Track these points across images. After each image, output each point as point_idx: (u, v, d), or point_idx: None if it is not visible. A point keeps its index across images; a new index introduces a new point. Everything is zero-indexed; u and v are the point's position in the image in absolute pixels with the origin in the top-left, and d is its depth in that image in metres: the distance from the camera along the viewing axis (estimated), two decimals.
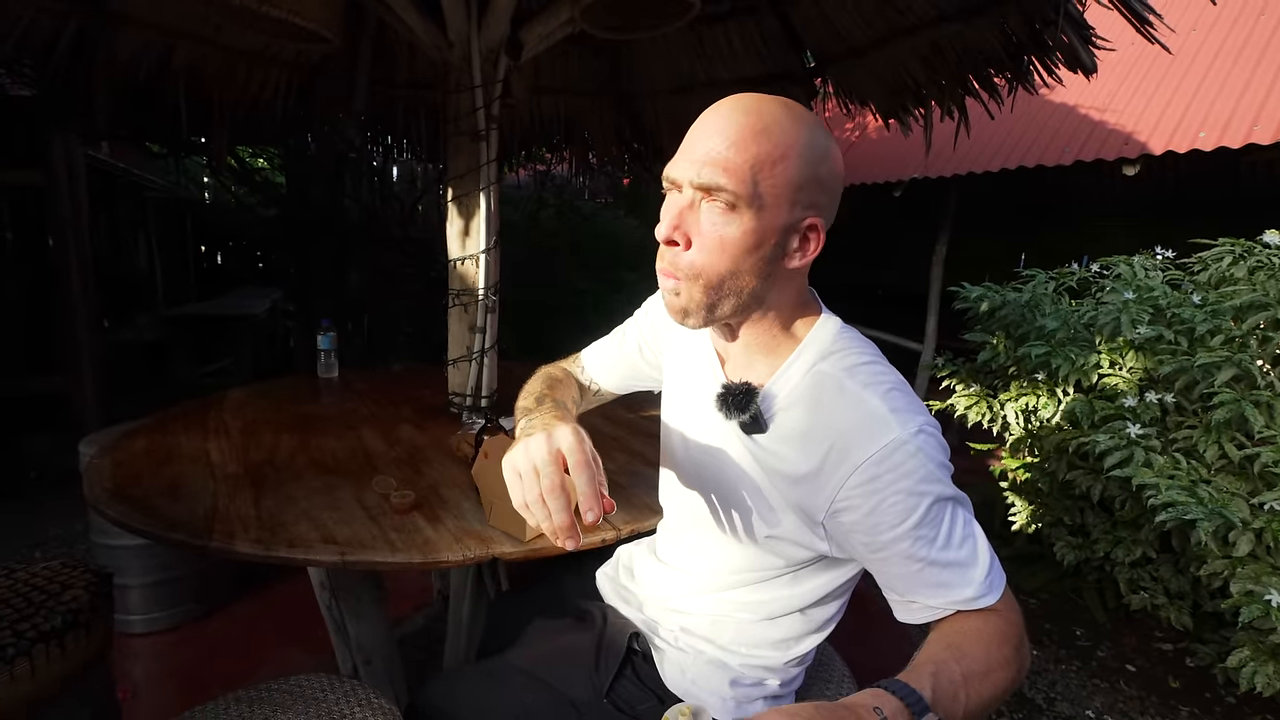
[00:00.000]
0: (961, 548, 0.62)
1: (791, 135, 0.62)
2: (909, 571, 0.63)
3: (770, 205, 0.62)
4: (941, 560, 0.62)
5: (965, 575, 0.62)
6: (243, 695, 0.82)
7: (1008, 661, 0.59)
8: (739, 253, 0.63)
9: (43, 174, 2.87)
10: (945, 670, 0.55)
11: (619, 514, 1.06)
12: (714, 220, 0.62)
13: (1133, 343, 1.84)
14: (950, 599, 0.62)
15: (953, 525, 0.62)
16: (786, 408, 0.68)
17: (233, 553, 0.87)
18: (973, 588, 0.62)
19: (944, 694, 0.53)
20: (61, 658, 0.94)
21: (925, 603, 0.64)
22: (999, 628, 0.61)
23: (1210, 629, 1.82)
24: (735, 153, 0.60)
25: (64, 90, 1.92)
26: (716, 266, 0.63)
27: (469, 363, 1.58)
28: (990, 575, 0.63)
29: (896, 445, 0.61)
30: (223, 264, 6.21)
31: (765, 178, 0.61)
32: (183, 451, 1.25)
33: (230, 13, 1.40)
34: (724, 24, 2.14)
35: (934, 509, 0.62)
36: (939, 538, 0.62)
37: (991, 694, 0.57)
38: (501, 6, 1.44)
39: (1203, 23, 3.54)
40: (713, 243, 0.63)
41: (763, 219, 0.62)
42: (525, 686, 0.80)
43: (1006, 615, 0.63)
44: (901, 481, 0.61)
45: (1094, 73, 1.60)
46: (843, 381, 0.66)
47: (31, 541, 2.42)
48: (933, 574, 0.62)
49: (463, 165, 1.53)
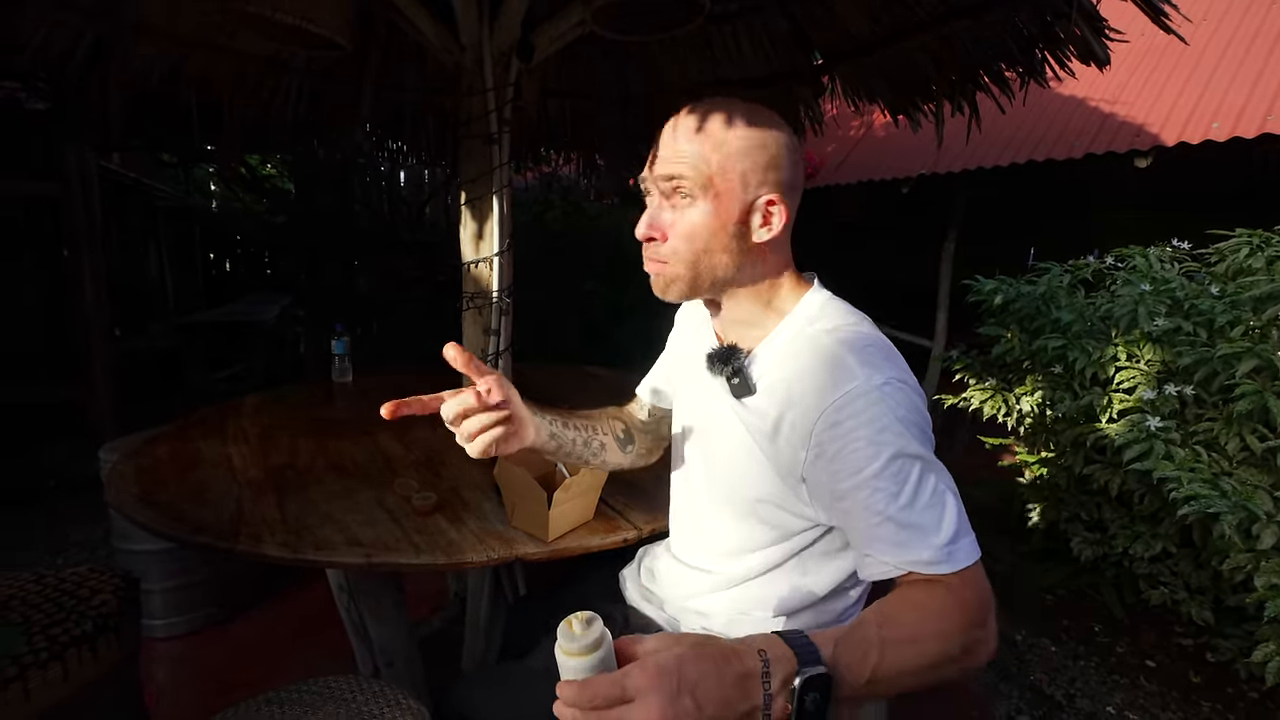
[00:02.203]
0: (926, 512, 0.62)
1: (735, 126, 0.69)
2: (868, 524, 0.64)
3: (725, 189, 0.70)
4: (901, 519, 0.62)
5: (924, 538, 0.61)
6: (273, 696, 0.83)
7: (943, 635, 0.57)
8: (706, 234, 0.71)
9: (58, 185, 2.91)
10: (860, 630, 0.55)
11: (639, 514, 1.06)
12: (680, 211, 0.72)
13: (1150, 335, 1.82)
14: (905, 558, 0.62)
15: (919, 487, 0.62)
16: (772, 370, 0.73)
17: (260, 556, 0.88)
18: (930, 551, 0.61)
19: (850, 652, 0.53)
20: (93, 661, 0.95)
21: (880, 558, 0.63)
22: (943, 602, 0.59)
23: (1232, 623, 1.80)
24: (686, 145, 0.70)
25: (79, 102, 1.94)
26: (690, 248, 0.72)
27: None
28: (953, 546, 0.61)
29: (859, 393, 0.64)
30: (232, 271, 6.25)
31: (716, 165, 0.69)
32: (204, 457, 1.27)
33: (244, 20, 1.41)
34: (731, 23, 2.14)
35: (896, 463, 0.62)
36: (901, 494, 0.62)
37: (917, 663, 0.55)
38: (513, 10, 1.45)
39: (1214, 13, 3.51)
40: (683, 229, 0.72)
41: (721, 201, 0.70)
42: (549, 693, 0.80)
43: (960, 593, 0.60)
44: (862, 429, 0.63)
45: (1107, 64, 1.59)
46: (821, 339, 0.71)
47: (53, 548, 2.45)
48: (890, 530, 0.62)
49: (475, 169, 1.54)
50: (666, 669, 0.47)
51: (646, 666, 0.47)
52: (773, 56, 2.20)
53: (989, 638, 0.60)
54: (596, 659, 0.47)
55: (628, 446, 0.95)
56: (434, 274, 3.56)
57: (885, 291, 4.96)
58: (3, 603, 1.00)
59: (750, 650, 0.50)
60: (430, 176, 4.62)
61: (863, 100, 2.21)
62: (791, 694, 0.49)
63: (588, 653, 0.47)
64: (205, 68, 2.00)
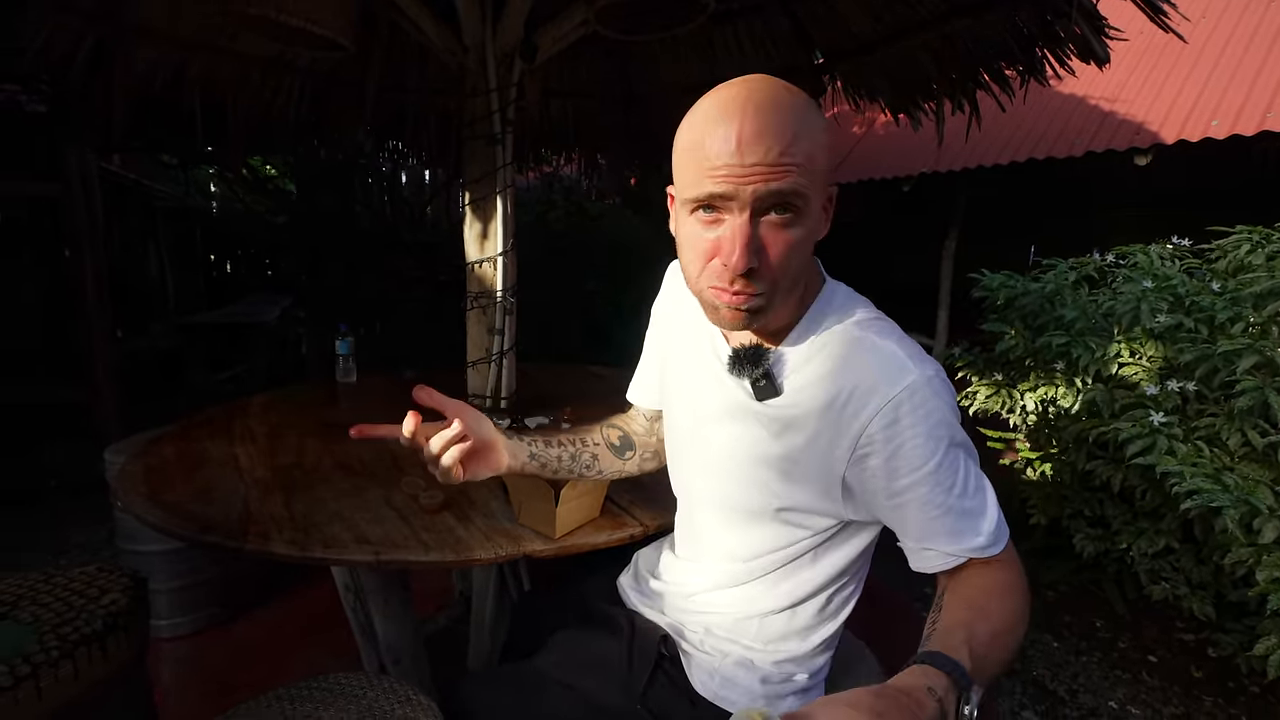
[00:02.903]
0: (975, 496, 0.64)
1: (812, 114, 0.61)
2: (927, 518, 0.64)
3: (816, 193, 0.62)
4: (958, 507, 0.64)
5: (977, 524, 0.64)
6: (283, 692, 0.84)
7: (1024, 612, 0.62)
8: (805, 250, 0.64)
9: (59, 187, 2.91)
10: (975, 634, 0.57)
11: (645, 510, 1.06)
12: (781, 230, 0.61)
13: (1152, 331, 1.83)
14: (963, 546, 0.64)
15: (967, 473, 0.65)
16: (799, 367, 0.69)
17: (269, 554, 0.88)
18: (983, 537, 0.64)
19: (978, 659, 0.54)
20: (103, 660, 0.95)
21: (941, 549, 0.65)
22: (1011, 579, 0.63)
23: (1233, 618, 1.81)
24: (792, 152, 0.58)
25: (80, 105, 1.94)
26: (790, 271, 0.63)
27: (488, 364, 1.59)
28: (998, 526, 0.65)
29: (916, 387, 0.63)
30: (233, 271, 6.26)
31: (811, 168, 0.60)
32: (211, 457, 1.27)
33: (248, 23, 1.41)
34: (733, 22, 2.14)
35: (951, 453, 0.64)
36: (956, 484, 0.64)
37: (1015, 645, 0.60)
38: (516, 10, 1.46)
39: (1213, 10, 3.52)
40: (785, 252, 0.62)
41: (812, 209, 0.62)
42: (560, 696, 0.81)
43: (1012, 565, 0.65)
44: (921, 424, 0.63)
45: (1107, 63, 1.60)
46: (854, 333, 0.68)
47: (56, 549, 2.45)
48: (949, 521, 0.64)
49: (479, 169, 1.55)
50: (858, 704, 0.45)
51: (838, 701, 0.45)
52: (774, 55, 2.21)
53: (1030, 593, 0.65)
54: None
55: (625, 453, 0.94)
56: (436, 274, 3.57)
57: (886, 290, 4.98)
58: (13, 602, 1.00)
59: (924, 693, 0.49)
60: (432, 176, 4.62)
61: (864, 99, 2.22)
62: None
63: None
64: (208, 70, 2.00)
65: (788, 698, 0.76)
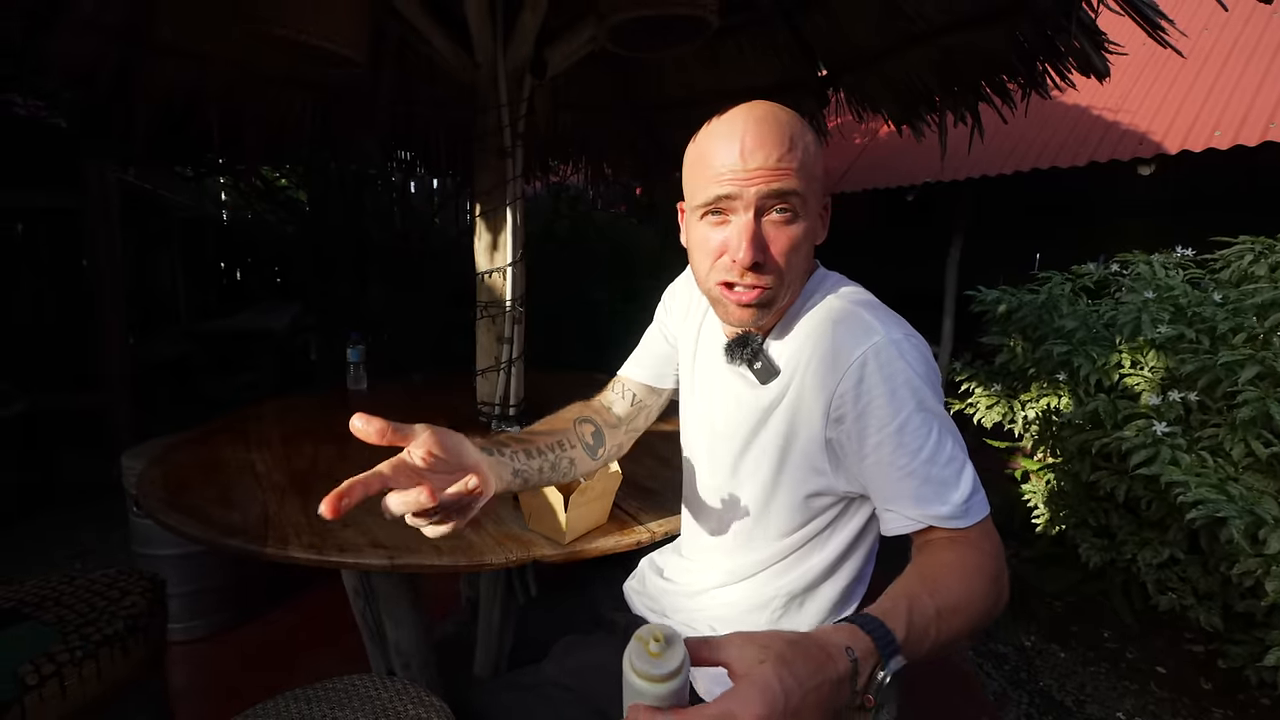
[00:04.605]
0: (946, 467, 0.65)
1: (807, 132, 0.70)
2: (891, 478, 0.66)
3: (812, 197, 0.70)
4: (923, 473, 0.64)
5: (943, 493, 0.64)
6: (299, 693, 0.86)
7: (984, 595, 0.61)
8: (806, 247, 0.71)
9: (79, 198, 2.98)
10: (919, 606, 0.56)
11: (652, 516, 1.08)
12: (782, 227, 0.69)
13: (1154, 342, 1.84)
14: (925, 512, 0.65)
15: (940, 444, 0.65)
16: (788, 345, 0.75)
17: (287, 558, 0.91)
18: (949, 506, 0.64)
19: (916, 631, 0.54)
20: (124, 661, 0.98)
21: (902, 512, 0.66)
22: (975, 560, 0.63)
23: (1241, 629, 1.80)
24: (787, 157, 0.67)
25: (102, 120, 2.00)
26: (795, 266, 0.71)
27: (497, 373, 1.62)
28: (970, 502, 0.65)
29: (881, 347, 0.66)
30: (243, 280, 6.34)
31: (807, 173, 0.68)
32: (228, 462, 1.30)
33: (268, 41, 1.46)
34: (736, 36, 2.18)
35: (918, 417, 0.65)
36: (924, 449, 0.64)
37: (965, 627, 0.59)
38: (527, 28, 1.49)
39: (1215, 21, 3.54)
40: (787, 247, 0.69)
41: (810, 210, 0.70)
42: (565, 701, 0.83)
43: (982, 546, 0.64)
44: (886, 383, 0.65)
45: (1107, 77, 1.62)
46: (832, 303, 0.73)
47: (71, 553, 2.49)
48: (913, 484, 0.65)
49: (489, 181, 1.58)
50: (771, 693, 0.43)
51: (750, 697, 0.43)
52: (778, 68, 2.24)
53: (1007, 583, 0.64)
54: (678, 684, 0.41)
55: (597, 451, 0.92)
56: (445, 283, 3.61)
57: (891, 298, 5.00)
58: (37, 603, 1.03)
59: (840, 651, 0.49)
60: (441, 186, 4.68)
61: (866, 110, 2.25)
62: (877, 688, 0.50)
63: (668, 679, 0.40)
64: (225, 85, 2.05)
65: None
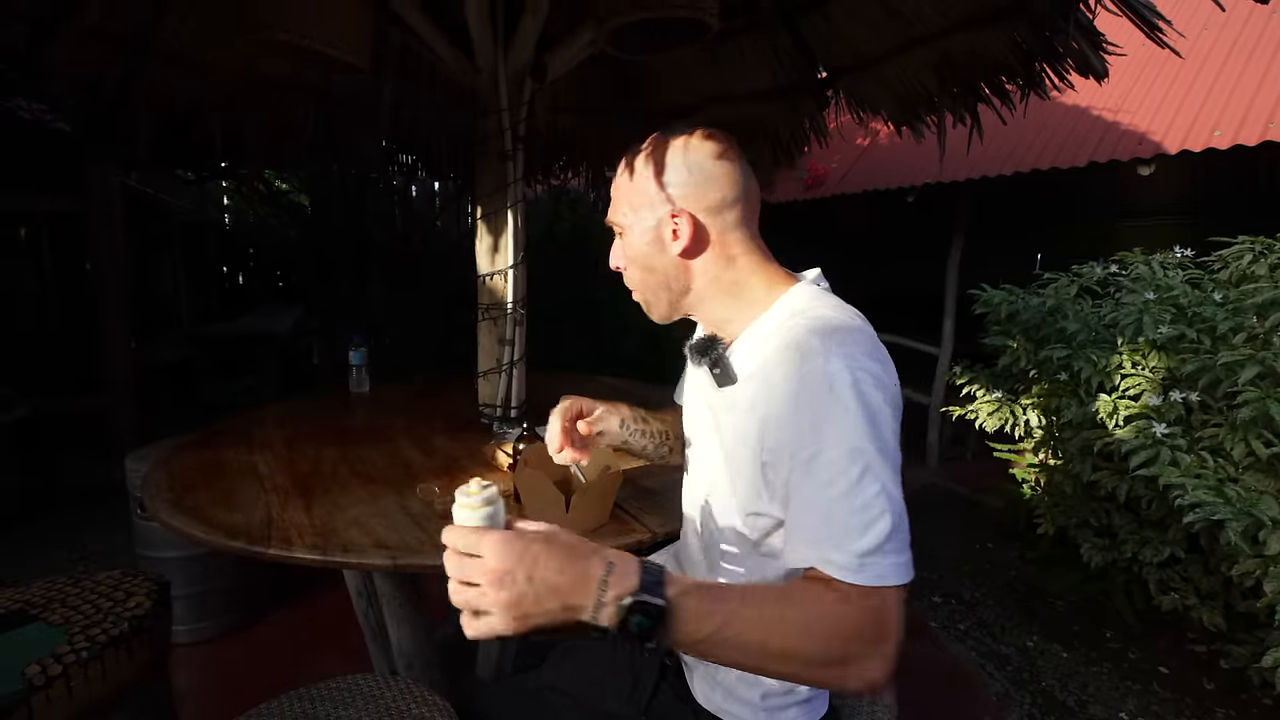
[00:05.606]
0: (857, 514, 0.57)
1: (631, 158, 0.79)
2: (797, 509, 0.62)
3: (632, 218, 0.79)
4: (826, 512, 0.58)
5: (843, 541, 0.57)
6: (304, 693, 0.86)
7: (810, 634, 0.54)
8: (640, 259, 0.80)
9: (83, 202, 3.00)
10: (720, 592, 0.55)
11: (653, 517, 1.09)
12: (620, 246, 0.83)
13: (1154, 342, 1.84)
14: (816, 555, 0.58)
15: (859, 484, 0.58)
16: (750, 359, 0.74)
17: (292, 559, 0.91)
18: (844, 556, 0.57)
19: (699, 606, 0.53)
20: (129, 662, 0.99)
21: (796, 548, 0.61)
22: (830, 606, 0.56)
23: (1244, 629, 1.81)
24: (613, 194, 0.82)
25: (105, 125, 2.01)
26: (637, 275, 0.82)
27: (499, 374, 1.63)
28: (871, 558, 0.56)
29: (817, 373, 0.62)
30: (246, 283, 6.36)
31: (624, 201, 0.80)
32: (231, 465, 1.31)
33: (271, 47, 1.47)
34: (736, 40, 2.19)
35: (837, 450, 0.59)
36: (835, 484, 0.58)
37: (764, 646, 0.54)
38: (527, 33, 1.50)
39: (1214, 21, 3.54)
40: (627, 261, 0.82)
41: (633, 231, 0.79)
42: (564, 706, 0.84)
43: (856, 604, 0.56)
44: (810, 411, 0.61)
45: (1105, 77, 1.62)
46: (790, 323, 0.71)
47: (74, 555, 2.50)
48: (813, 521, 0.59)
49: (490, 184, 1.59)
50: (516, 542, 0.52)
51: (506, 536, 0.53)
52: (777, 71, 2.25)
53: (874, 666, 0.54)
54: (482, 515, 0.55)
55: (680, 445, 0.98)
56: (446, 285, 3.62)
57: (892, 299, 5.00)
58: (44, 604, 1.04)
59: (601, 557, 0.53)
60: (442, 189, 4.70)
61: (866, 112, 2.26)
62: (620, 610, 0.51)
63: (476, 508, 0.55)
64: (228, 91, 2.07)
65: (790, 708, 0.77)
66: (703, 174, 0.75)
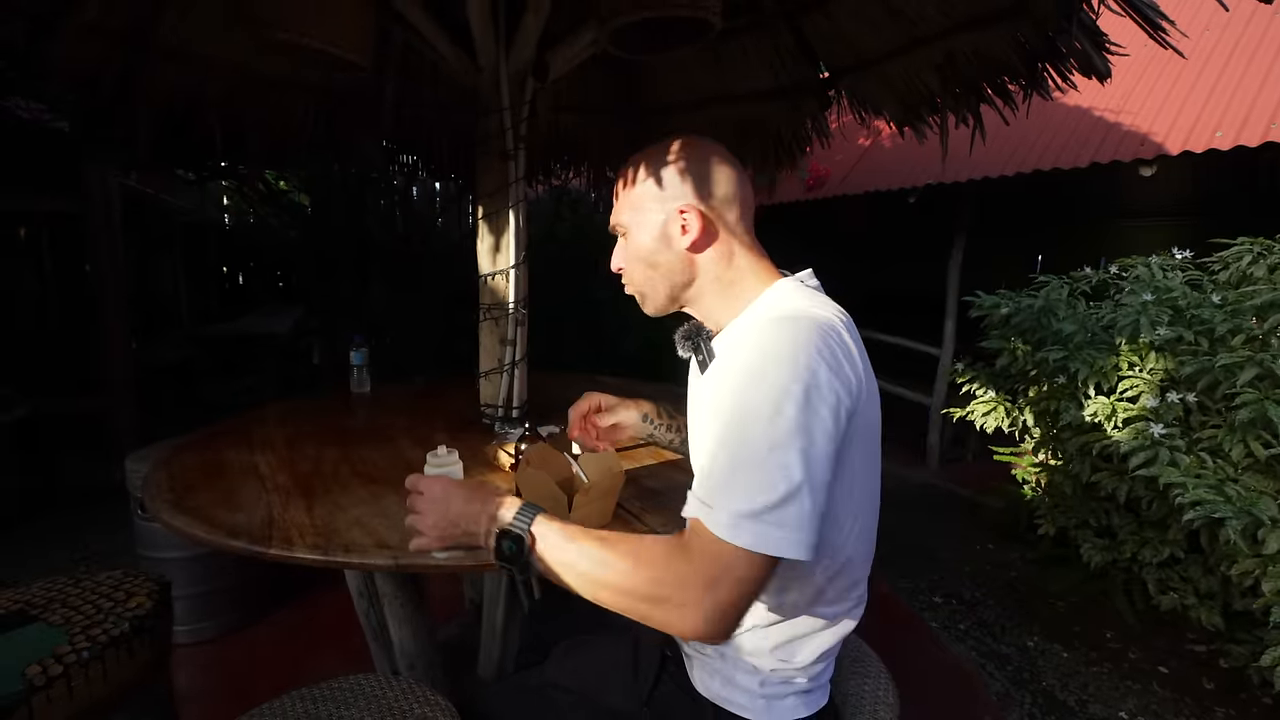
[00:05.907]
0: (753, 481, 0.61)
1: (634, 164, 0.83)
2: (707, 469, 0.68)
3: (638, 218, 0.83)
4: (730, 478, 0.63)
5: (728, 497, 0.62)
6: (306, 693, 0.86)
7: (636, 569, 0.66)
8: (646, 256, 0.83)
9: (81, 202, 2.99)
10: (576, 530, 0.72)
11: (655, 516, 1.09)
12: (623, 247, 0.87)
13: (1153, 344, 1.84)
14: (700, 506, 0.66)
15: (767, 459, 0.61)
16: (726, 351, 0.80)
17: (293, 559, 0.91)
18: (722, 514, 0.62)
19: (554, 539, 0.72)
20: (130, 662, 0.99)
21: (689, 502, 0.69)
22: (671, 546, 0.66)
23: (1243, 629, 1.81)
24: (616, 198, 0.87)
25: (105, 124, 2.01)
26: (637, 273, 0.85)
27: (500, 374, 1.62)
28: (742, 525, 0.61)
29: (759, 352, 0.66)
30: (246, 284, 6.36)
31: (628, 204, 0.84)
32: (232, 465, 1.30)
33: (272, 45, 1.47)
34: (738, 39, 2.19)
35: (759, 425, 0.62)
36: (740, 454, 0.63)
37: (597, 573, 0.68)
38: (529, 32, 1.50)
39: (1216, 22, 3.54)
40: (629, 261, 0.86)
41: (639, 230, 0.83)
42: (567, 703, 0.84)
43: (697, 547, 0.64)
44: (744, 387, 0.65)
45: (1108, 78, 1.62)
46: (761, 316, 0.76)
47: (75, 556, 2.50)
48: (714, 484, 0.65)
49: (491, 184, 1.59)
50: (442, 486, 0.79)
51: (438, 481, 0.80)
52: (779, 71, 2.25)
53: (691, 615, 0.62)
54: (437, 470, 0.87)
55: None
56: (447, 285, 3.62)
57: (894, 300, 5.01)
58: (44, 604, 1.04)
59: (496, 501, 0.76)
60: (443, 189, 4.69)
61: (868, 112, 2.25)
62: (494, 535, 0.74)
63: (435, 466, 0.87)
64: (228, 90, 2.06)
65: (788, 698, 0.77)
66: (706, 172, 0.80)
